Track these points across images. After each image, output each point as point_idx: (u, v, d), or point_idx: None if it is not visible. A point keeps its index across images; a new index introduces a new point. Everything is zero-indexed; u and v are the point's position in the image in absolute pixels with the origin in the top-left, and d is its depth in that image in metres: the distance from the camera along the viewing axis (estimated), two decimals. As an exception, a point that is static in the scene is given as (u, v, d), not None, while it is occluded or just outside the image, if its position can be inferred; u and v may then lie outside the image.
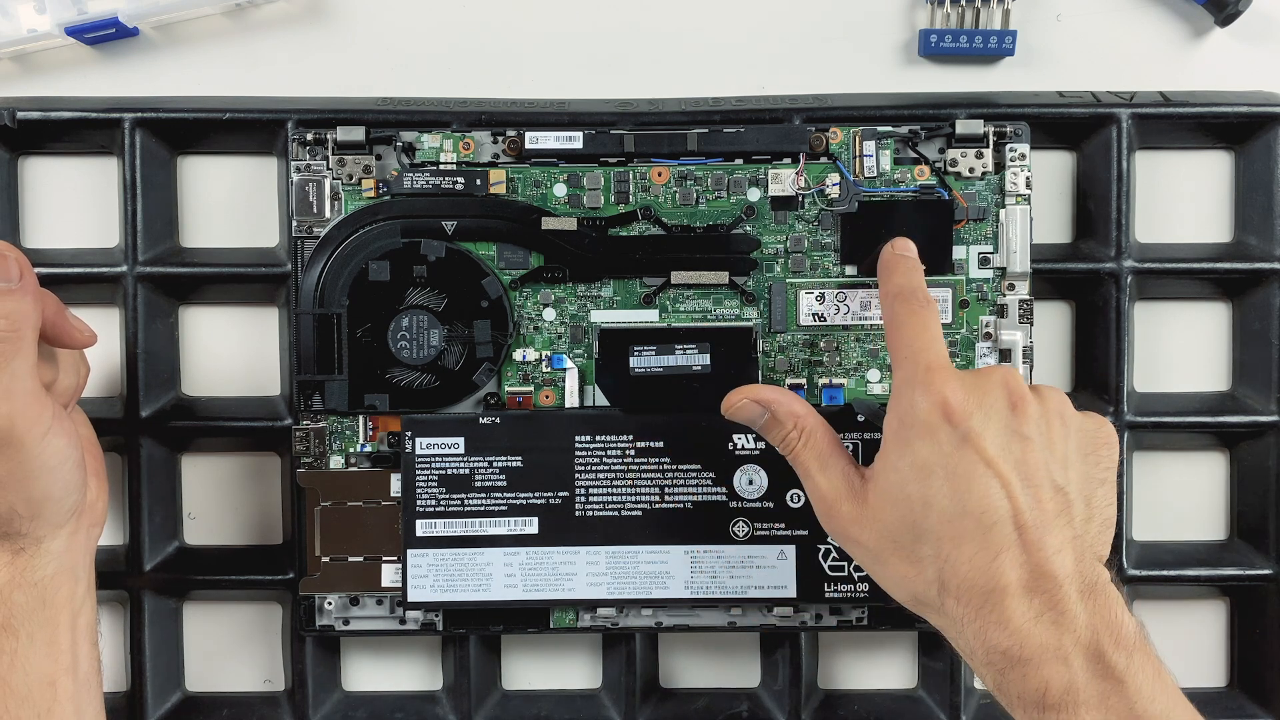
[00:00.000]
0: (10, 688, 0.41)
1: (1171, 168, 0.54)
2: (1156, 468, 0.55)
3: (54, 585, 0.43)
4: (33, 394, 0.40)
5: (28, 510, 0.41)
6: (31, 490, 0.41)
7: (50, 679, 0.42)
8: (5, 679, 0.41)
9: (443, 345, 0.50)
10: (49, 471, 0.41)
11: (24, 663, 0.41)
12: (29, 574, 0.42)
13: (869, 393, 0.51)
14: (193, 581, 0.53)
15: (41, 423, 0.40)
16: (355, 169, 0.50)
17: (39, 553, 0.42)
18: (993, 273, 0.51)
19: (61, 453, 0.41)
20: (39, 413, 0.40)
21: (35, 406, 0.40)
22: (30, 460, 0.40)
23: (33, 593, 0.42)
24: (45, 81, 0.53)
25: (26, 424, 0.40)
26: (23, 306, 0.40)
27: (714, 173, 0.50)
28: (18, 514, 0.41)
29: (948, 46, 0.53)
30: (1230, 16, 0.53)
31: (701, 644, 0.55)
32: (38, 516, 0.41)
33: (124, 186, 0.52)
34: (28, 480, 0.40)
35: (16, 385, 0.39)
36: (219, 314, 0.54)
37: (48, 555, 0.42)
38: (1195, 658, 0.55)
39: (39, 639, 0.42)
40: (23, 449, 0.40)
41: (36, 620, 0.42)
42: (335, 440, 0.51)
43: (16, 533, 0.42)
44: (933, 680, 0.54)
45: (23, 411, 0.39)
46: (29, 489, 0.41)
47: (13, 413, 0.39)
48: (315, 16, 0.54)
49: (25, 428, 0.39)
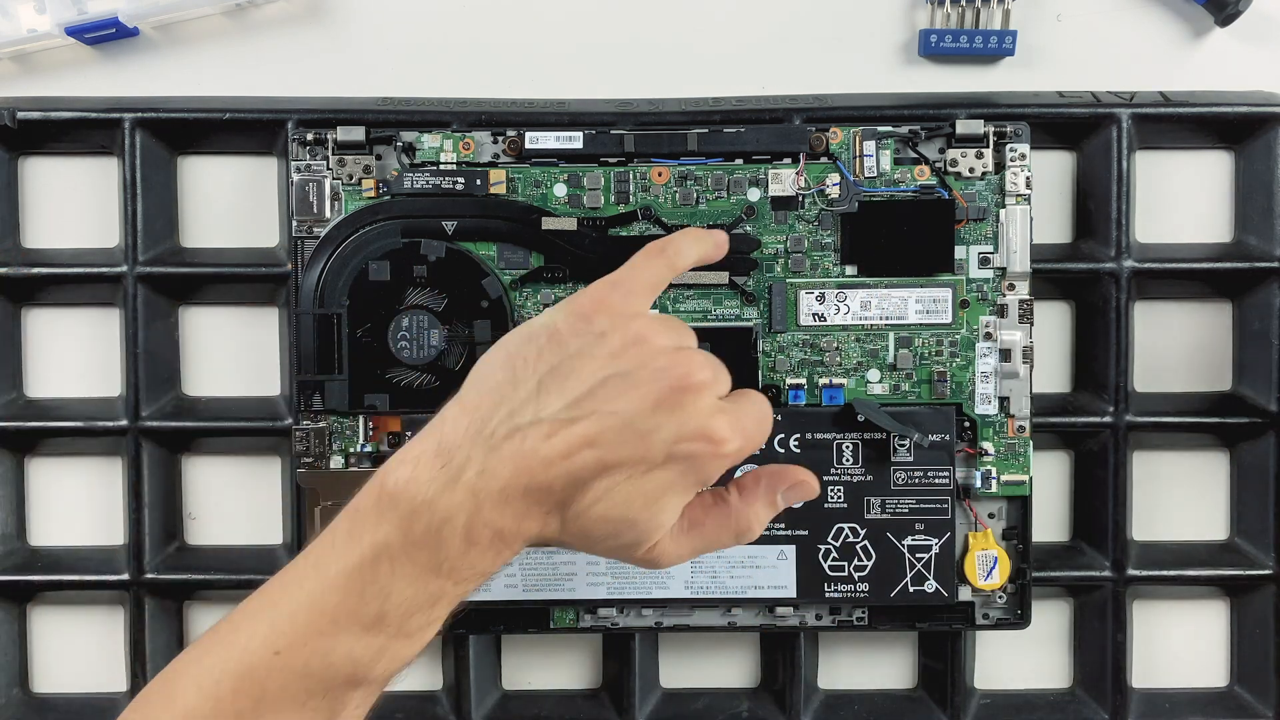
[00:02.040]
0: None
1: (1171, 168, 0.54)
2: (1156, 468, 0.55)
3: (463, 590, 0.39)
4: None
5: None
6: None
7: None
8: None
9: (443, 345, 0.50)
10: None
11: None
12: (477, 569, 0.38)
13: (869, 393, 0.51)
14: (193, 582, 0.53)
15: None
16: (355, 169, 0.50)
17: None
18: (993, 273, 0.51)
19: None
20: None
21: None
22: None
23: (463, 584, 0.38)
24: (45, 81, 0.53)
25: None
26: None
27: (714, 173, 0.50)
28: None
29: (948, 46, 0.53)
30: (1230, 16, 0.53)
31: (701, 644, 0.55)
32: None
33: (124, 186, 0.52)
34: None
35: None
36: (219, 314, 0.54)
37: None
38: (1195, 658, 0.55)
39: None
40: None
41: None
42: (336, 440, 0.51)
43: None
44: (933, 680, 0.54)
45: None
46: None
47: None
48: (315, 16, 0.54)
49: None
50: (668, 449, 0.37)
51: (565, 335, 0.38)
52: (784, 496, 0.42)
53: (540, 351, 0.38)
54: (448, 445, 0.37)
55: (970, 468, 0.51)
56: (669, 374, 0.38)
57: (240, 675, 0.35)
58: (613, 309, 0.39)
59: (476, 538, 0.36)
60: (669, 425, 0.37)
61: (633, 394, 0.37)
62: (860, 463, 0.50)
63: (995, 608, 0.52)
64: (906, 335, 0.51)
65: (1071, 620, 0.55)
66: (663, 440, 0.37)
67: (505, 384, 0.38)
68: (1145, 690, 0.54)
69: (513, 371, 0.38)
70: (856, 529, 0.50)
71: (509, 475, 0.36)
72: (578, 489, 0.37)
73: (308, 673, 0.35)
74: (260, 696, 0.35)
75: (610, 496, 0.37)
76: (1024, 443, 0.51)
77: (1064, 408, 0.53)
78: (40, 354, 0.54)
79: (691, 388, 0.38)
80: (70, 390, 0.54)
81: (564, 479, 0.36)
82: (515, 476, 0.36)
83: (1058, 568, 0.53)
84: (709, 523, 0.41)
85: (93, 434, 0.52)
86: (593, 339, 0.38)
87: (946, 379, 0.50)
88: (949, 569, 0.50)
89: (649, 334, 0.39)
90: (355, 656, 0.36)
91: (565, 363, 0.38)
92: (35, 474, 0.54)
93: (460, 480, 0.36)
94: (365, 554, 0.36)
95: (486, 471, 0.36)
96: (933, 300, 0.50)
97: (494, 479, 0.36)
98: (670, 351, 0.38)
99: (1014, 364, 0.50)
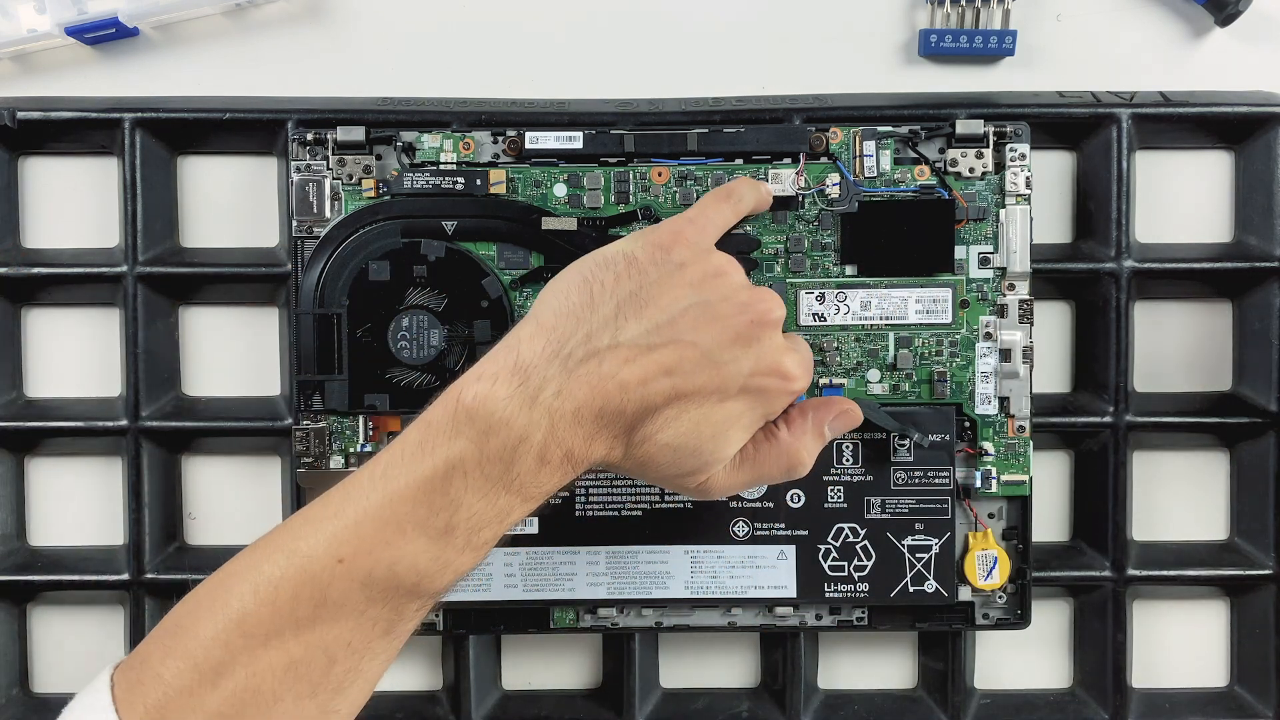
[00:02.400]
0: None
1: (1171, 168, 0.54)
2: (1156, 468, 0.55)
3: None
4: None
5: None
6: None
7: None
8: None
9: (443, 345, 0.50)
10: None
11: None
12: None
13: (869, 393, 0.51)
14: (193, 582, 0.53)
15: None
16: (355, 169, 0.50)
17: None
18: (993, 273, 0.51)
19: None
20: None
21: None
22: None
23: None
24: (45, 81, 0.53)
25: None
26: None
27: (714, 173, 0.50)
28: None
29: (948, 46, 0.53)
30: (1230, 16, 0.53)
31: (701, 644, 0.55)
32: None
33: (124, 186, 0.52)
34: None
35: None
36: (219, 314, 0.54)
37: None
38: (1195, 658, 0.55)
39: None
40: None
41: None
42: (335, 440, 0.51)
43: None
44: (933, 680, 0.54)
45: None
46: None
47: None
48: (315, 16, 0.54)
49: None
50: (742, 381, 0.39)
51: (644, 263, 0.39)
52: (830, 427, 0.44)
53: (618, 277, 0.39)
54: (525, 364, 0.37)
55: (970, 468, 0.51)
56: (751, 308, 0.39)
57: (301, 581, 0.35)
58: (690, 242, 0.40)
59: (549, 457, 0.36)
60: (746, 358, 0.39)
61: (714, 325, 0.39)
62: (860, 463, 0.50)
63: (995, 608, 0.52)
64: (906, 335, 0.51)
65: (1071, 620, 0.55)
66: (739, 373, 0.39)
67: (583, 306, 0.38)
68: (1145, 690, 0.54)
69: (590, 295, 0.38)
70: (856, 529, 0.50)
71: (584, 397, 0.36)
72: (649, 415, 0.37)
73: (370, 581, 0.35)
74: (320, 603, 0.35)
75: (678, 424, 0.38)
76: (1024, 443, 0.51)
77: (1064, 408, 0.53)
78: (40, 354, 0.54)
79: (770, 323, 0.40)
80: (70, 390, 0.54)
81: (637, 404, 0.37)
82: (590, 399, 0.37)
83: (1058, 568, 0.53)
84: (760, 457, 0.42)
85: (93, 434, 0.52)
86: (672, 268, 0.39)
87: (946, 379, 0.50)
88: (949, 569, 0.50)
89: (728, 269, 0.40)
90: (420, 567, 0.36)
91: (644, 289, 0.38)
92: (35, 474, 0.54)
93: (538, 400, 0.36)
94: (438, 466, 0.36)
95: (563, 392, 0.36)
96: (933, 300, 0.50)
97: (570, 400, 0.36)
98: (749, 287, 0.40)
99: (1014, 364, 0.50)
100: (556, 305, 0.38)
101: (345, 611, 0.35)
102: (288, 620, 0.35)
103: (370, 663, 0.36)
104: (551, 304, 0.39)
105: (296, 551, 0.35)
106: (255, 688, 0.34)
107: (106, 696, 0.35)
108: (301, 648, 0.35)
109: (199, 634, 0.35)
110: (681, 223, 0.42)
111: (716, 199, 0.45)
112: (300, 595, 0.35)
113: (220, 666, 0.34)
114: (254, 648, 0.35)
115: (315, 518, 0.36)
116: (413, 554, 0.35)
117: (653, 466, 0.39)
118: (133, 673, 0.35)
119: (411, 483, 0.36)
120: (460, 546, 0.36)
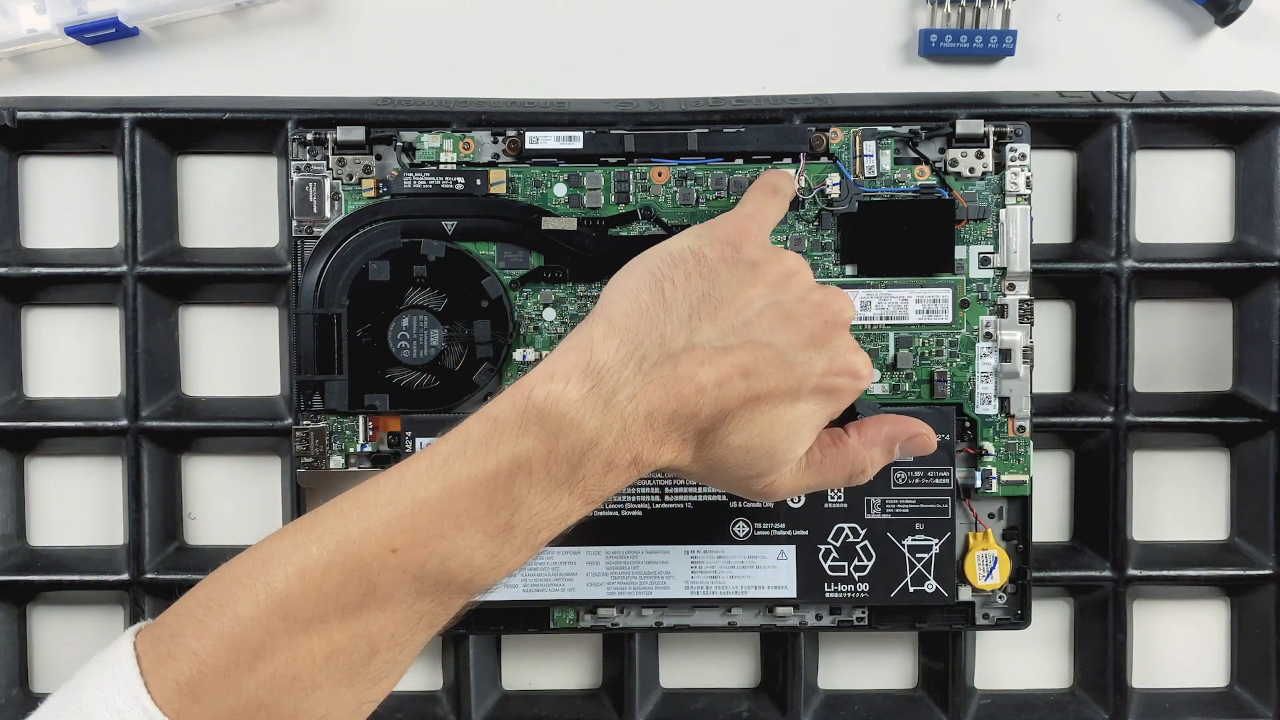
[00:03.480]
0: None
1: (1171, 168, 0.54)
2: (1156, 468, 0.55)
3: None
4: None
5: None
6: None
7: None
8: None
9: (443, 345, 0.50)
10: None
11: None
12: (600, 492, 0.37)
13: (869, 393, 0.51)
14: (193, 582, 0.53)
15: None
16: (355, 169, 0.50)
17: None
18: (993, 273, 0.51)
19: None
20: None
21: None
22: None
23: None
24: (45, 81, 0.53)
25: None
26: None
27: (714, 173, 0.50)
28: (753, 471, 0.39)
29: (948, 46, 0.53)
30: (1230, 16, 0.53)
31: (701, 644, 0.55)
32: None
33: (124, 186, 0.52)
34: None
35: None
36: (219, 314, 0.54)
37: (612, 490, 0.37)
38: (1195, 658, 0.55)
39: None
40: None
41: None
42: (335, 440, 0.51)
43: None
44: (933, 680, 0.54)
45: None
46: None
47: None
48: (315, 16, 0.54)
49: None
50: (816, 381, 0.39)
51: (714, 262, 0.39)
52: (903, 447, 0.43)
53: (689, 275, 0.38)
54: (599, 365, 0.36)
55: (970, 468, 0.51)
56: (826, 309, 0.39)
57: (350, 568, 0.34)
58: (758, 241, 0.40)
59: (617, 461, 0.36)
60: (820, 359, 0.39)
61: (790, 326, 0.38)
62: (860, 463, 0.50)
63: (995, 608, 0.52)
64: (906, 335, 0.51)
65: (1071, 620, 0.55)
66: (814, 373, 0.39)
67: (655, 306, 0.37)
68: (1145, 690, 0.54)
69: (661, 294, 0.37)
70: (857, 529, 0.50)
71: (659, 400, 0.36)
72: (723, 417, 0.37)
73: (422, 574, 0.35)
74: (369, 592, 0.34)
75: (751, 426, 0.38)
76: (1024, 443, 0.51)
77: (1064, 408, 0.53)
78: (40, 354, 0.54)
79: (843, 324, 0.40)
80: (70, 390, 0.54)
81: (713, 406, 0.36)
82: (665, 402, 0.36)
83: (1058, 568, 0.53)
84: (828, 461, 0.42)
85: (93, 434, 0.52)
86: (745, 268, 0.39)
87: (946, 379, 0.50)
88: (949, 569, 0.50)
89: (800, 268, 0.40)
90: (475, 564, 0.35)
91: (718, 289, 0.38)
92: (35, 474, 0.54)
93: (612, 403, 0.35)
94: (503, 463, 0.35)
95: (638, 396, 0.36)
96: (933, 300, 0.50)
97: (644, 403, 0.36)
98: (821, 288, 0.40)
99: (1014, 364, 0.50)
100: (628, 305, 0.38)
101: (394, 603, 0.34)
102: (333, 607, 0.34)
103: (409, 655, 0.36)
104: (621, 304, 0.38)
105: (348, 536, 0.34)
106: (294, 674, 0.34)
107: (132, 666, 0.33)
108: (345, 636, 0.34)
109: (239, 613, 0.34)
110: (745, 219, 0.41)
111: (766, 194, 0.45)
112: (348, 582, 0.34)
113: (259, 649, 0.33)
114: (295, 632, 0.34)
115: (367, 504, 0.35)
116: (468, 550, 0.35)
117: (723, 469, 0.38)
118: (162, 645, 0.34)
119: (474, 476, 0.35)
120: (518, 545, 0.35)
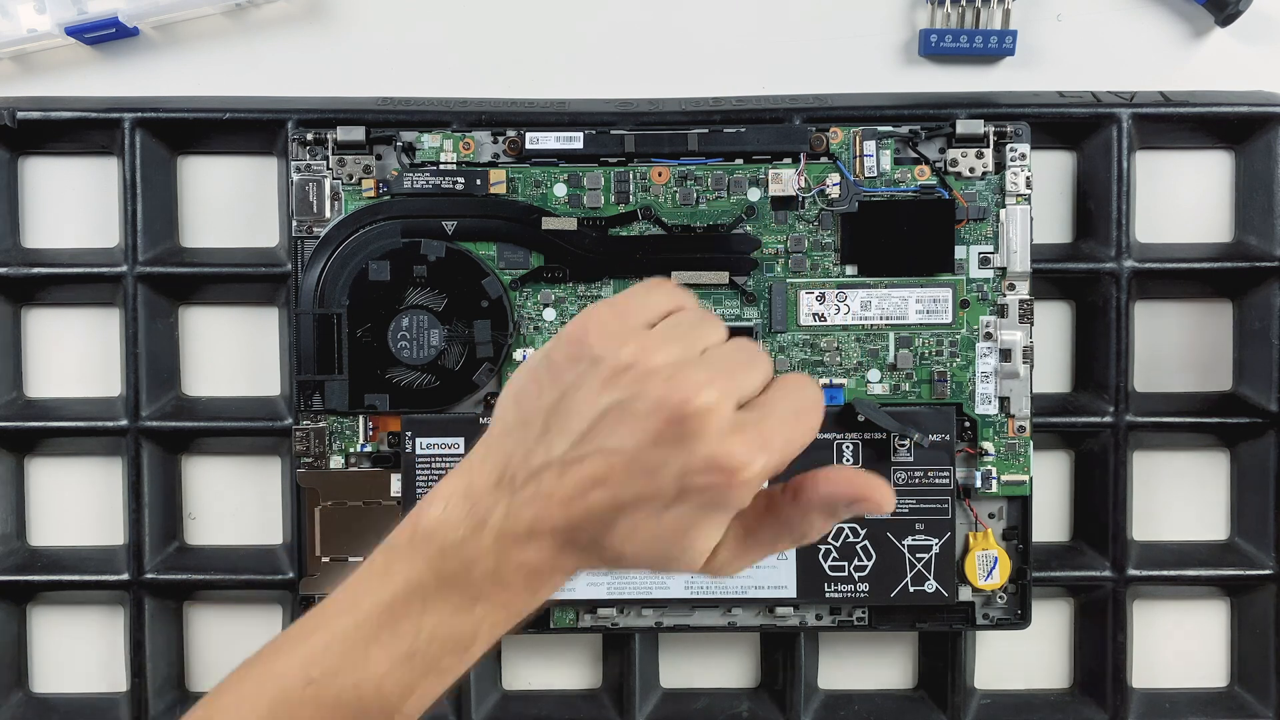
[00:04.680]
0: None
1: (1171, 168, 0.54)
2: (1157, 468, 0.55)
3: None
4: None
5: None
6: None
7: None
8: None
9: (443, 345, 0.50)
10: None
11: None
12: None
13: (869, 393, 0.51)
14: (193, 582, 0.53)
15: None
16: (355, 169, 0.50)
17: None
18: (993, 273, 0.51)
19: None
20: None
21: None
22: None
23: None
24: (45, 81, 0.53)
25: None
26: None
27: (714, 173, 0.50)
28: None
29: (948, 46, 0.53)
30: (1230, 16, 0.53)
31: (701, 644, 0.55)
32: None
33: (124, 186, 0.52)
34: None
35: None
36: (219, 314, 0.54)
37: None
38: (1195, 658, 0.55)
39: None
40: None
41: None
42: (335, 440, 0.51)
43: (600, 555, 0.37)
44: (933, 680, 0.54)
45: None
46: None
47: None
48: (315, 16, 0.54)
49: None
50: (678, 484, 0.35)
51: (560, 365, 0.36)
52: (847, 508, 0.38)
53: (541, 387, 0.36)
54: (475, 488, 0.36)
55: (970, 468, 0.51)
56: (666, 403, 0.34)
57: (275, 703, 0.35)
58: (604, 330, 0.36)
59: (508, 580, 0.36)
60: (674, 459, 0.34)
61: (632, 427, 0.35)
62: (860, 463, 0.50)
63: (995, 608, 0.52)
64: (907, 335, 0.51)
65: (1071, 620, 0.55)
66: (671, 475, 0.35)
67: (517, 425, 0.37)
68: (1145, 690, 0.54)
69: (520, 410, 0.37)
70: (856, 529, 0.50)
71: (532, 518, 0.35)
72: (603, 526, 0.36)
73: (340, 704, 0.35)
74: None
75: (637, 534, 0.36)
76: (1024, 443, 0.51)
77: (1064, 408, 0.53)
78: (40, 354, 0.54)
79: (692, 415, 0.34)
80: (70, 390, 0.54)
81: (584, 518, 0.35)
82: (538, 520, 0.35)
83: (1058, 568, 0.53)
84: (764, 532, 0.38)
85: (93, 434, 0.52)
86: (586, 366, 0.36)
87: (946, 379, 0.50)
88: (949, 569, 0.50)
89: (641, 355, 0.35)
90: (385, 691, 0.36)
91: (565, 397, 0.36)
92: (35, 474, 0.54)
93: (487, 525, 0.35)
94: (398, 590, 0.36)
95: (511, 515, 0.35)
96: (933, 300, 0.51)
97: (519, 522, 0.35)
98: (667, 374, 0.35)
99: (1014, 364, 0.50)
100: (499, 423, 0.37)
101: None
102: None
103: None
104: (497, 421, 0.37)
105: (272, 672, 0.36)
106: None
107: None
108: None
109: None
110: (598, 307, 0.37)
111: (642, 285, 0.39)
112: (275, 717, 0.35)
113: None
114: None
115: (292, 639, 0.36)
116: (378, 678, 0.36)
117: (639, 568, 0.37)
118: None
119: (375, 606, 0.36)
120: (424, 670, 0.36)
